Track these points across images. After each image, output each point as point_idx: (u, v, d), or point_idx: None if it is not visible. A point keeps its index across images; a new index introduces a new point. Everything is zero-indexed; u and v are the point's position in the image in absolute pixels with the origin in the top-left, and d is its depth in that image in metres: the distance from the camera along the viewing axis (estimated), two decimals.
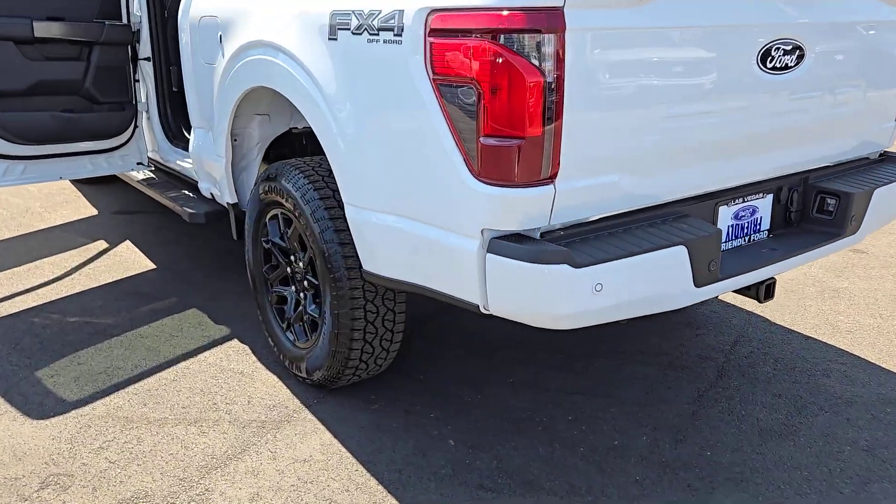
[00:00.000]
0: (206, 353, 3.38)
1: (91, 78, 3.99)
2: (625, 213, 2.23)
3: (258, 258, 3.24)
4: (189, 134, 4.40)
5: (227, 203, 3.44)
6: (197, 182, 3.98)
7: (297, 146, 3.65)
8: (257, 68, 2.86)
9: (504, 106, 1.86)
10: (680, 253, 2.09)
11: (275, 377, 3.17)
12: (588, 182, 2.04)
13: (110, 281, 4.22)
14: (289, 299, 3.12)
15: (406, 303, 2.81)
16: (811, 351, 3.44)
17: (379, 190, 2.29)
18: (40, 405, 2.97)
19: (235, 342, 3.48)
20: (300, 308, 3.04)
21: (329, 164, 2.78)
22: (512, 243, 1.95)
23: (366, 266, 2.50)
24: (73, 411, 2.92)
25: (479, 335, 3.54)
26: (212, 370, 3.23)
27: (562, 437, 2.78)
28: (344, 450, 2.69)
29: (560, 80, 1.86)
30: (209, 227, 4.29)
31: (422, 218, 2.16)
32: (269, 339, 3.24)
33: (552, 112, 1.87)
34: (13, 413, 2.91)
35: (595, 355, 3.35)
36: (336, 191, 2.72)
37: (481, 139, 1.92)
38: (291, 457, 2.65)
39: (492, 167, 1.93)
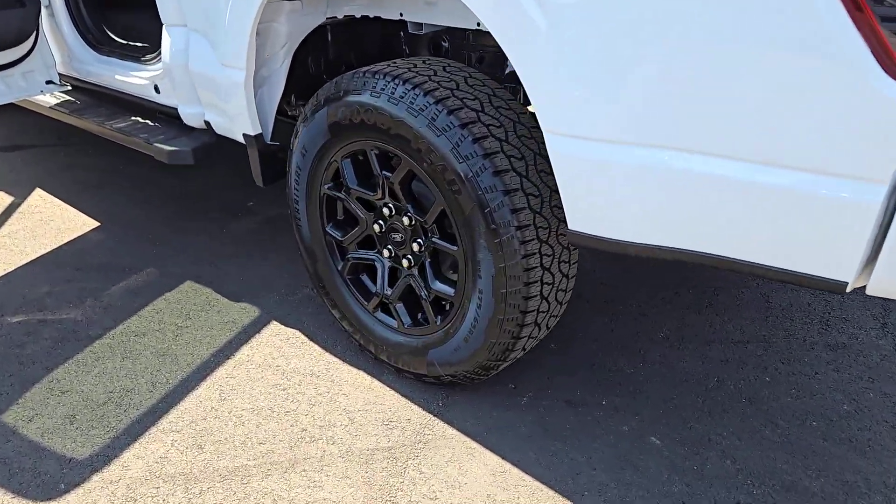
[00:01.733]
0: (246, 350, 2.42)
1: None
2: None
3: (315, 213, 2.27)
4: (114, 35, 3.21)
5: (246, 135, 2.39)
6: (149, 102, 2.87)
7: (311, 45, 2.59)
8: None
9: None
10: None
11: (362, 374, 2.30)
12: None
13: (45, 252, 3.04)
14: (380, 269, 2.21)
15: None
16: None
17: (646, 111, 1.42)
18: (36, 472, 1.95)
19: (276, 326, 2.54)
20: (402, 280, 2.15)
21: (461, 76, 1.87)
22: None
23: (574, 225, 1.66)
24: (95, 476, 1.94)
25: (579, 276, 2.81)
26: (268, 375, 2.30)
27: (776, 407, 2.16)
28: (528, 477, 1.93)
29: None
30: (142, 158, 3.17)
31: (747, 154, 1.34)
32: (344, 323, 2.34)
33: None
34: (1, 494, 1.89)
35: (728, 285, 2.73)
36: (481, 111, 1.81)
37: None
38: (465, 500, 1.86)
39: None
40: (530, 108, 1.79)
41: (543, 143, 1.88)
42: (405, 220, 2.05)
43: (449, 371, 2.09)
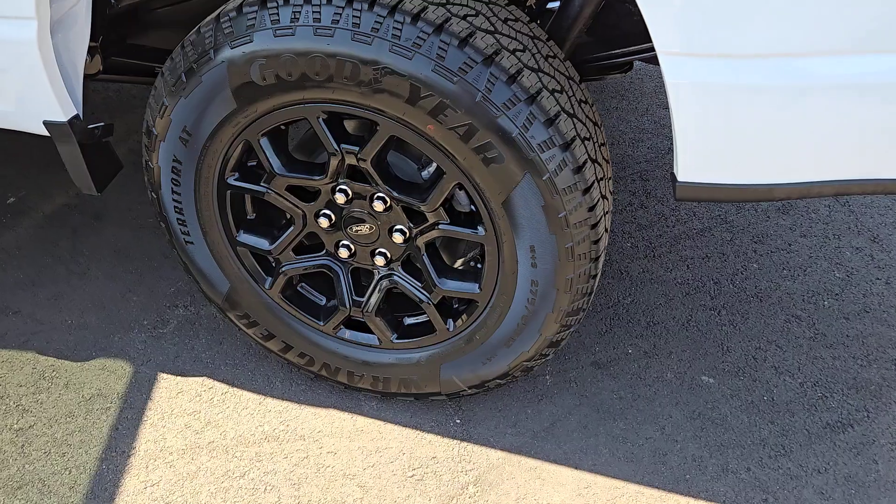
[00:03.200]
0: (149, 433, 1.65)
1: None
2: None
3: (214, 221, 1.51)
4: None
5: (52, 123, 1.48)
6: None
7: None
8: None
9: None
10: None
11: (335, 413, 1.69)
12: None
13: None
14: (338, 276, 1.56)
15: None
16: None
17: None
18: None
19: (170, 381, 1.77)
20: (380, 284, 1.53)
21: None
22: None
23: (691, 176, 1.19)
24: None
25: None
26: (206, 462, 1.59)
27: (784, 297, 1.99)
28: (617, 482, 1.55)
29: None
30: None
31: None
32: (289, 356, 1.68)
33: None
34: None
35: (649, 167, 2.48)
36: (496, 32, 1.22)
37: None
38: None
39: None
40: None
41: (566, 61, 1.35)
42: (377, 204, 1.41)
43: (475, 383, 1.58)
